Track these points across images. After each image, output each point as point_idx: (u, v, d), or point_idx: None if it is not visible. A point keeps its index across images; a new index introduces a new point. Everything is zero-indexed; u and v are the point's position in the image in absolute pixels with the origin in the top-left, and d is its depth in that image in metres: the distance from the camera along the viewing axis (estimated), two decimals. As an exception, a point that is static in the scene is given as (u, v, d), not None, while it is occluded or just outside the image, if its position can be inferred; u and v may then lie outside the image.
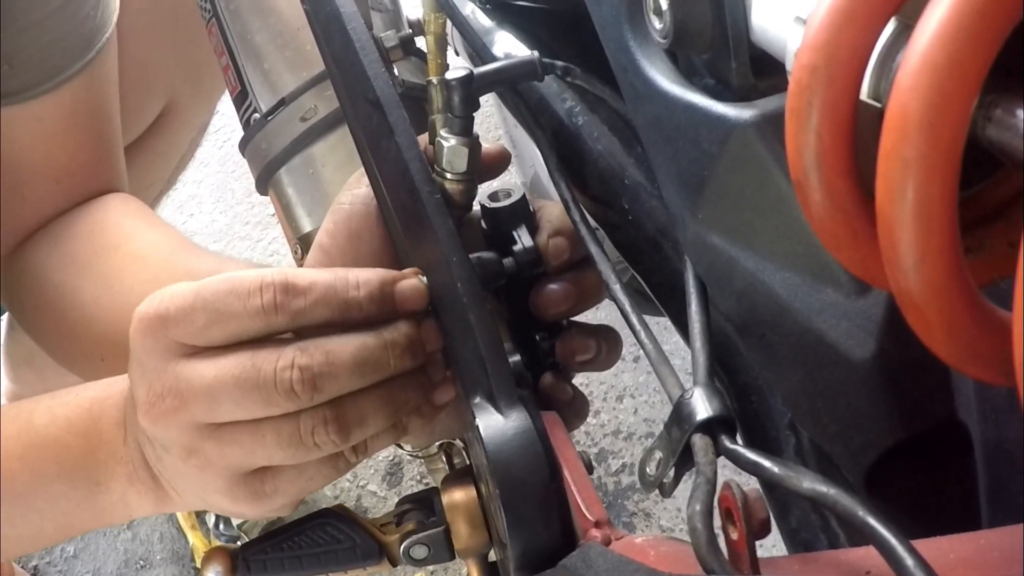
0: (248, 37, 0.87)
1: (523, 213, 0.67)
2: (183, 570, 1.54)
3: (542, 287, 0.67)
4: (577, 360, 0.69)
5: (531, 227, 0.67)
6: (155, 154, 1.25)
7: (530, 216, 0.67)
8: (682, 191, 0.50)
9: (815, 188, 0.35)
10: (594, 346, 0.69)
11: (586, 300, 0.68)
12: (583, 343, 0.69)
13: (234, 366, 0.56)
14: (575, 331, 0.70)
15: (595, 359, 0.70)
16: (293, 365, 0.55)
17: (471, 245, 0.64)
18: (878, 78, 0.35)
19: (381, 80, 0.61)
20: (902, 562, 0.34)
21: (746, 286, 0.48)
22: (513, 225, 0.67)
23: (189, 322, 0.56)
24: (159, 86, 1.18)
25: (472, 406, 0.55)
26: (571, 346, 0.69)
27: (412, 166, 0.59)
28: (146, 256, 0.84)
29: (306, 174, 0.84)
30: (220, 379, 0.56)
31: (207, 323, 0.56)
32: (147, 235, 0.87)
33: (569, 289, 0.67)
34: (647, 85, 0.51)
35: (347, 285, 0.57)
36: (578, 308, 0.68)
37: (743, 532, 0.36)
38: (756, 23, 0.44)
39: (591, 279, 0.68)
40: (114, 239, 0.87)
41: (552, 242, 0.66)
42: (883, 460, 0.48)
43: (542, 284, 0.67)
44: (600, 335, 0.70)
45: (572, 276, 0.67)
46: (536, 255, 0.66)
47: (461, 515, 0.64)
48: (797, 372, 0.49)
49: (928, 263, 0.31)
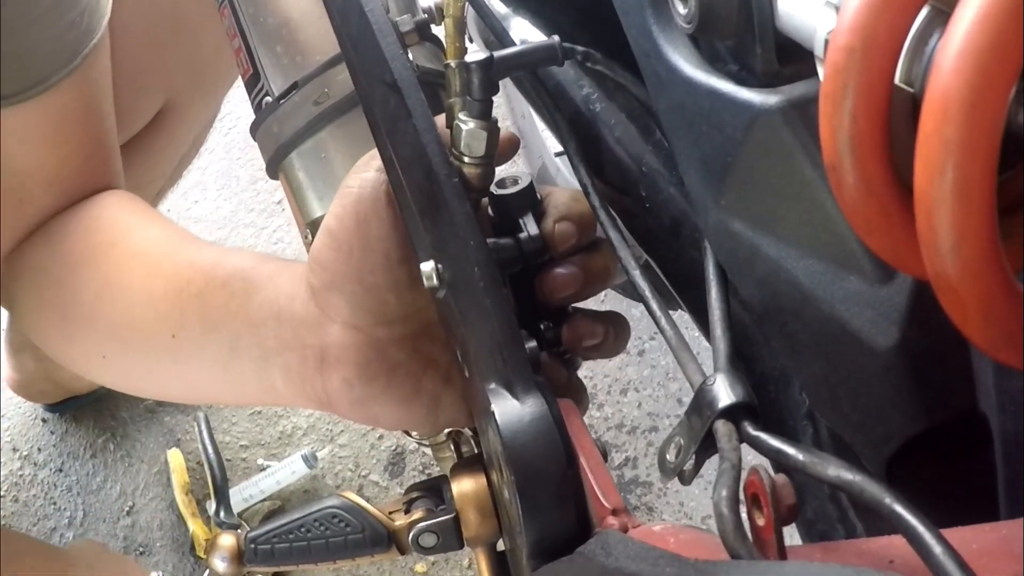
0: (261, 20, 0.87)
1: (531, 200, 0.67)
2: (183, 557, 1.54)
3: (548, 271, 0.67)
4: (584, 345, 0.69)
5: (537, 214, 0.67)
6: (155, 151, 1.25)
7: (537, 203, 0.67)
8: (704, 177, 0.50)
9: (849, 171, 0.35)
10: (601, 331, 0.69)
11: (593, 284, 0.68)
12: (590, 328, 0.69)
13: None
14: (581, 316, 0.70)
15: (602, 344, 0.69)
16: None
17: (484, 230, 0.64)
18: (911, 62, 0.35)
19: (399, 62, 0.61)
20: (930, 549, 0.33)
21: (768, 273, 0.48)
22: (520, 212, 0.67)
23: None
24: (156, 84, 1.17)
25: (487, 392, 0.54)
26: (578, 331, 0.69)
27: (430, 149, 0.58)
28: (145, 251, 0.83)
29: (318, 158, 0.83)
30: None
31: None
32: (145, 230, 0.86)
33: (576, 273, 0.67)
34: (670, 71, 0.50)
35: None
36: (585, 292, 0.68)
37: (771, 518, 0.36)
38: (782, 8, 0.44)
39: (598, 263, 0.67)
40: (111, 236, 0.86)
41: (558, 227, 0.66)
42: (903, 450, 0.48)
43: (548, 268, 0.67)
44: (607, 320, 0.70)
45: (579, 260, 0.67)
46: (541, 243, 0.66)
47: (471, 503, 0.64)
48: (818, 360, 0.48)
49: (966, 245, 0.30)
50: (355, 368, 0.69)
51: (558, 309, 0.69)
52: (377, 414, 0.71)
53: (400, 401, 0.69)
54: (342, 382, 0.69)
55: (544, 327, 0.69)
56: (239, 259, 0.76)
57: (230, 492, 1.45)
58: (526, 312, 0.68)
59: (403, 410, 0.70)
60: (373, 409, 0.70)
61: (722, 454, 0.42)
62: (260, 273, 0.74)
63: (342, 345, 0.69)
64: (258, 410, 1.65)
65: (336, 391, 0.69)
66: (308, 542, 0.66)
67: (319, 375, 0.69)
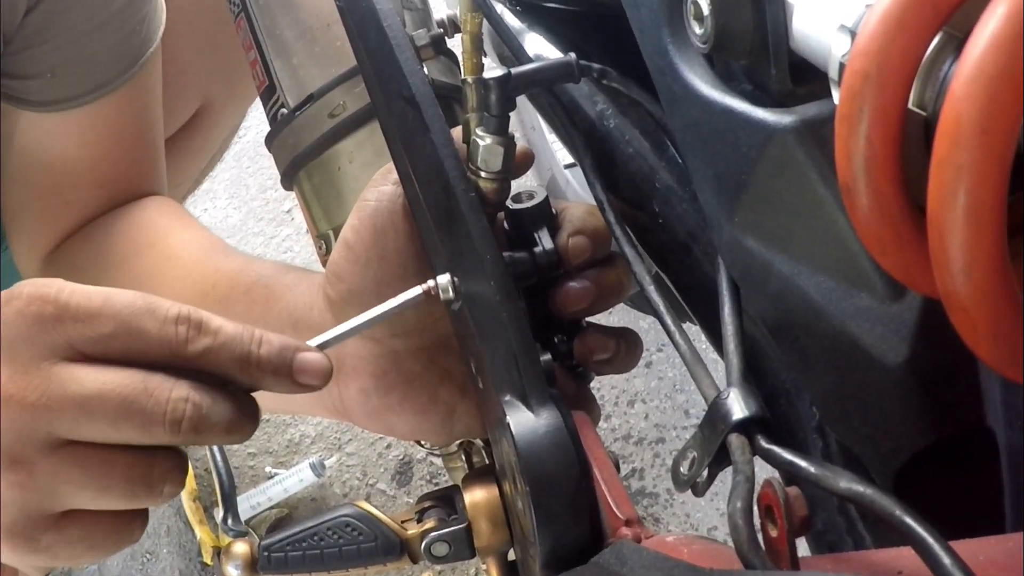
0: (277, 32, 0.88)
1: (546, 215, 0.68)
2: (189, 564, 1.54)
3: (562, 285, 0.67)
4: (595, 359, 0.70)
5: (552, 229, 0.68)
6: (187, 153, 1.26)
7: (552, 218, 0.68)
8: (719, 194, 0.51)
9: (863, 192, 0.35)
10: (613, 346, 0.69)
11: (606, 298, 0.68)
12: (602, 342, 0.69)
13: (123, 383, 0.51)
14: (594, 331, 0.70)
15: (613, 359, 0.70)
16: (188, 399, 0.52)
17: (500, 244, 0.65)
18: (923, 87, 0.36)
19: (417, 77, 0.62)
20: (939, 560, 0.34)
21: (781, 289, 0.49)
22: (535, 227, 0.67)
23: (93, 326, 0.52)
24: (195, 86, 1.19)
25: (503, 404, 0.55)
26: (590, 345, 0.69)
27: (448, 163, 0.59)
28: (177, 255, 0.85)
29: (333, 170, 0.84)
30: (103, 393, 0.51)
31: (113, 333, 0.52)
32: (180, 234, 0.88)
33: (589, 287, 0.67)
34: (685, 89, 0.51)
35: (252, 339, 0.55)
36: (598, 306, 0.69)
37: (784, 529, 0.37)
38: (797, 30, 0.45)
39: (611, 277, 0.68)
40: (149, 238, 0.88)
41: (572, 241, 0.67)
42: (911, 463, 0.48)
43: (562, 282, 0.67)
44: (619, 336, 0.70)
45: (592, 274, 0.68)
46: (556, 257, 0.66)
47: (483, 513, 0.64)
48: (829, 375, 0.49)
49: (977, 266, 0.31)
50: (372, 379, 0.70)
51: (571, 322, 0.70)
52: (393, 424, 0.71)
53: (416, 411, 0.70)
54: (359, 392, 0.70)
55: (558, 340, 0.69)
56: (263, 268, 0.78)
57: (238, 499, 1.45)
58: (539, 325, 0.69)
59: (419, 420, 0.71)
60: (389, 419, 0.71)
61: (736, 467, 0.43)
62: (281, 282, 0.75)
63: (359, 356, 0.69)
64: (266, 418, 1.65)
65: (352, 401, 0.70)
66: (321, 550, 0.67)
67: (335, 384, 0.70)
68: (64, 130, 0.89)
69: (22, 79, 0.85)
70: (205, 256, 0.83)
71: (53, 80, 0.86)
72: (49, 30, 0.83)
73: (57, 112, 0.87)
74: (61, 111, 0.87)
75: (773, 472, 0.43)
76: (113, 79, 0.88)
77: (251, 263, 0.80)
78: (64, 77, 0.86)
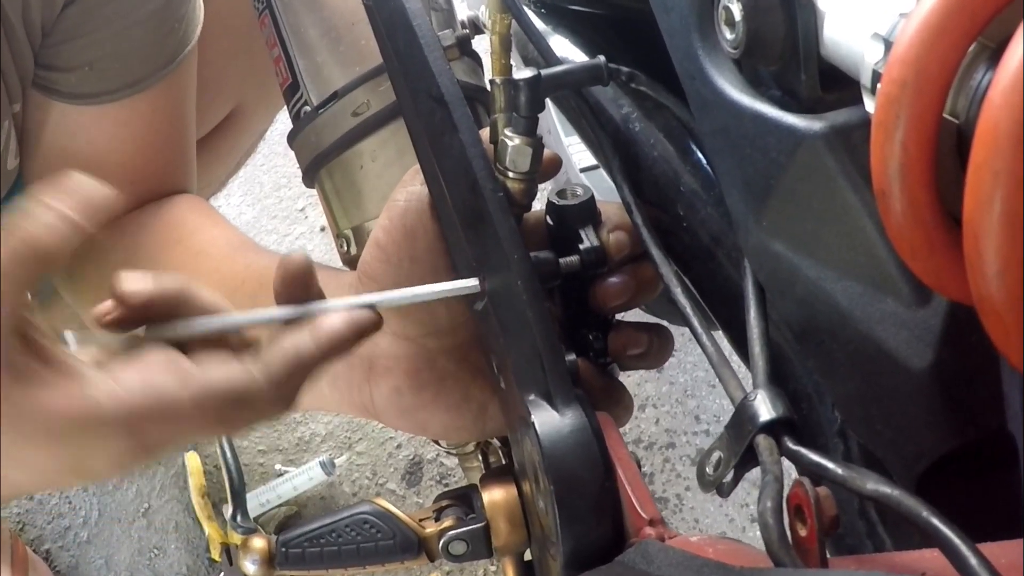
0: (301, 30, 0.88)
1: (592, 212, 0.68)
2: (197, 560, 1.55)
3: (602, 280, 0.68)
4: (628, 354, 0.70)
5: (596, 226, 0.68)
6: (217, 155, 1.27)
7: (597, 215, 0.68)
8: (746, 198, 0.51)
9: (897, 198, 0.36)
10: (646, 340, 0.70)
11: (643, 292, 0.69)
12: (635, 337, 0.70)
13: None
14: (627, 326, 0.71)
15: (646, 354, 0.70)
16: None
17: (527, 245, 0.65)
18: (957, 95, 0.36)
19: (446, 77, 0.62)
20: (966, 561, 0.35)
21: (807, 293, 0.49)
22: (580, 224, 0.68)
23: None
24: (229, 89, 1.20)
25: (527, 403, 0.55)
26: (623, 340, 0.70)
27: (476, 163, 0.60)
28: (206, 251, 0.85)
29: (355, 169, 0.85)
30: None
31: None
32: (210, 231, 0.88)
33: (628, 282, 0.68)
34: (715, 94, 0.52)
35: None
36: (636, 300, 0.69)
37: (814, 528, 0.37)
38: (828, 37, 0.45)
39: (648, 272, 0.68)
40: (178, 234, 0.89)
41: (613, 236, 0.67)
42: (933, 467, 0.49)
43: (602, 278, 0.68)
44: (652, 331, 0.71)
45: (630, 269, 0.68)
46: (602, 254, 0.66)
47: (501, 512, 0.64)
48: (854, 379, 0.50)
49: (1011, 271, 0.32)
50: (405, 377, 0.70)
51: (603, 320, 0.70)
52: (426, 422, 0.72)
53: (449, 409, 0.71)
54: (392, 391, 0.70)
55: (592, 336, 0.70)
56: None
57: (247, 496, 1.46)
58: (574, 321, 0.69)
59: (452, 418, 0.71)
60: (422, 417, 0.71)
61: (764, 467, 0.43)
62: None
63: (392, 355, 0.70)
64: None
65: (385, 399, 0.71)
66: (339, 547, 0.67)
67: (367, 383, 0.70)
68: (98, 124, 0.89)
69: (60, 71, 0.86)
70: (234, 252, 0.84)
71: (90, 74, 0.86)
72: (88, 23, 0.84)
73: (92, 106, 0.88)
74: (97, 104, 0.88)
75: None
76: (150, 75, 0.89)
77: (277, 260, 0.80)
78: (101, 71, 0.86)
